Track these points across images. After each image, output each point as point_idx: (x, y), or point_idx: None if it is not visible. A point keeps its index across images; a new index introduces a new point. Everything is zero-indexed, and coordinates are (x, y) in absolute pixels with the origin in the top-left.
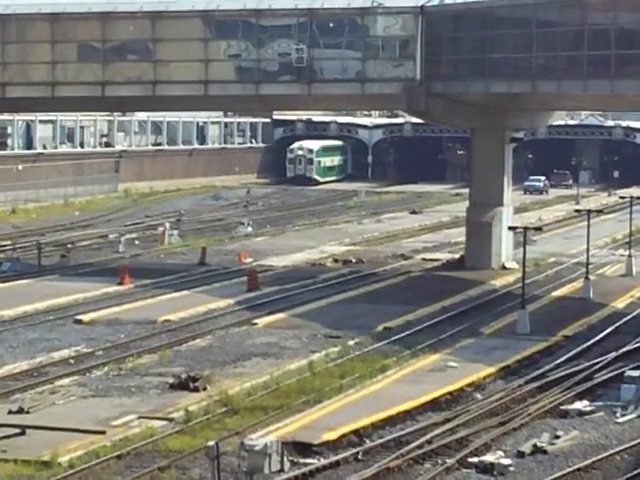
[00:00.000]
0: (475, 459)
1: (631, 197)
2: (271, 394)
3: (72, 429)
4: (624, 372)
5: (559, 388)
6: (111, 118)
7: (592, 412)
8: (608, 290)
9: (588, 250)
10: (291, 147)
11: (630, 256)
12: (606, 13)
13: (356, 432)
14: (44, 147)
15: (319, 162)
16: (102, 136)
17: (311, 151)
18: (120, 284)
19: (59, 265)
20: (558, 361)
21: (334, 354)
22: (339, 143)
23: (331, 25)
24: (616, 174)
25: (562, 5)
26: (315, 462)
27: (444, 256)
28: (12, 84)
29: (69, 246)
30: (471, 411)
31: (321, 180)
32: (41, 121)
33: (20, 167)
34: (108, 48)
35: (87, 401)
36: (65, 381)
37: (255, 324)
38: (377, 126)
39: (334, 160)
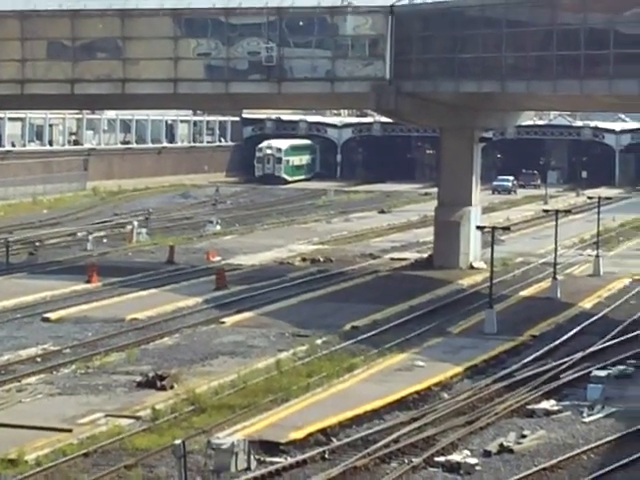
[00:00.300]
0: (442, 458)
1: (599, 197)
2: (238, 393)
3: (39, 427)
4: (591, 372)
5: (526, 388)
6: (80, 116)
7: (559, 412)
8: (576, 290)
9: (556, 250)
10: (260, 146)
11: (598, 256)
12: (575, 13)
13: (323, 431)
14: (13, 145)
15: (287, 161)
16: (71, 134)
17: (280, 150)
18: (88, 282)
19: (27, 263)
20: (525, 361)
21: (302, 353)
22: (307, 142)
23: (301, 24)
24: (584, 174)
25: (532, 5)
26: (282, 461)
27: (412, 255)
28: None
29: (37, 244)
30: (438, 410)
31: (289, 179)
32: (10, 119)
33: None
34: (78, 46)
35: (54, 399)
36: (32, 379)
37: (223, 323)
38: (346, 125)
39: (302, 159)
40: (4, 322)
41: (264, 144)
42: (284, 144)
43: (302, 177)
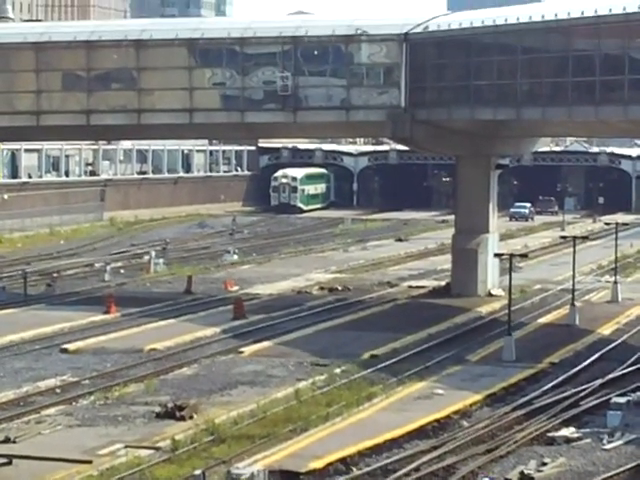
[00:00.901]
0: None
1: (616, 223)
2: (258, 422)
3: (59, 459)
4: (610, 399)
5: (546, 415)
6: (96, 147)
7: (579, 439)
8: (594, 316)
9: (574, 277)
10: (275, 175)
11: (616, 282)
12: (590, 40)
13: (343, 460)
14: (29, 176)
15: (303, 190)
16: (87, 165)
17: (295, 179)
18: (106, 313)
19: (45, 294)
20: (544, 388)
21: (321, 382)
22: (322, 171)
23: (315, 53)
24: (601, 200)
25: (546, 32)
26: None
27: (430, 283)
28: None
29: (55, 275)
30: (458, 438)
31: (305, 208)
32: (26, 150)
33: (5, 196)
34: (93, 77)
35: (73, 430)
36: (51, 410)
37: (241, 352)
38: (362, 153)
39: (317, 188)
40: (23, 353)
41: (279, 173)
42: (299, 173)
43: (317, 206)
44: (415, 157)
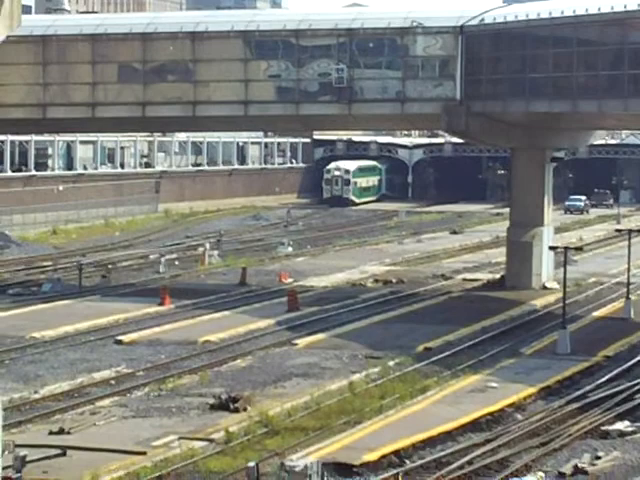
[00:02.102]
0: None
1: None
2: (311, 415)
3: (113, 450)
4: None
5: (600, 409)
6: (151, 139)
7: (633, 433)
8: None
9: (629, 270)
10: (328, 167)
11: None
12: None
13: (396, 453)
14: (84, 168)
15: (355, 183)
16: (142, 157)
17: (348, 172)
18: (161, 304)
19: (100, 285)
20: (599, 381)
21: (374, 374)
22: (374, 163)
23: (371, 45)
24: None
25: (602, 24)
26: None
27: (485, 276)
28: (53, 105)
29: (110, 266)
30: (512, 432)
31: (358, 201)
32: (82, 142)
33: (61, 188)
34: (148, 69)
35: (128, 422)
36: (106, 402)
37: (295, 344)
38: (417, 146)
39: (369, 181)
40: (78, 345)
41: (332, 165)
42: (352, 165)
43: (370, 199)
44: (470, 149)
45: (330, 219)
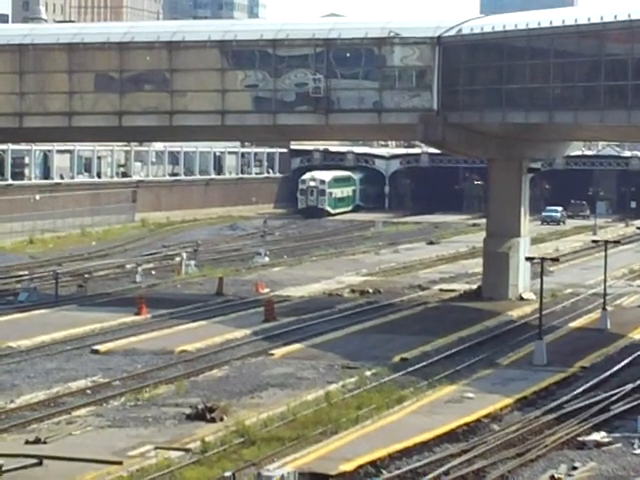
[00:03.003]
0: None
1: None
2: (288, 425)
3: (89, 459)
4: None
5: (576, 419)
6: (128, 148)
7: (610, 443)
8: (625, 321)
9: (605, 281)
10: (302, 178)
11: None
12: (623, 44)
13: (373, 463)
14: (61, 177)
15: (331, 193)
16: (119, 166)
17: (323, 182)
18: (137, 314)
19: (76, 295)
20: (575, 392)
21: (351, 385)
22: (348, 173)
23: (348, 55)
24: (633, 204)
25: (579, 36)
26: None
27: (461, 287)
28: (29, 114)
29: (86, 276)
30: (488, 442)
31: (333, 212)
32: (58, 151)
33: (37, 197)
34: (125, 78)
35: (104, 431)
36: (82, 411)
37: (272, 355)
38: (394, 156)
39: (344, 191)
40: (54, 354)
41: (307, 176)
42: (327, 176)
43: (344, 209)
44: (447, 160)
45: (307, 229)
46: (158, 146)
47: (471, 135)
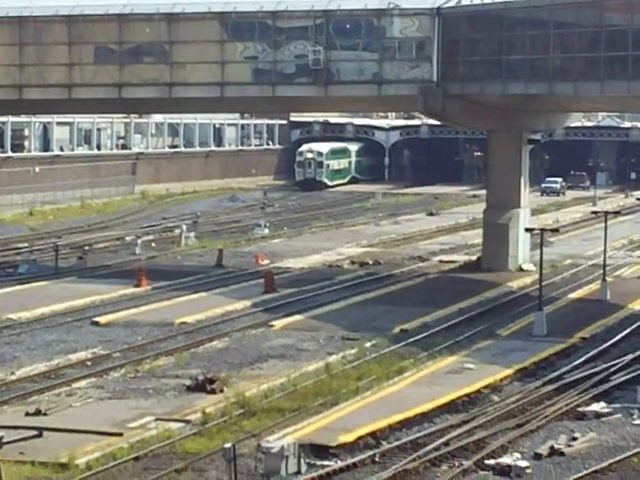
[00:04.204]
0: (492, 461)
1: None
2: (288, 396)
3: (89, 431)
4: None
5: (576, 390)
6: (128, 120)
7: (609, 414)
8: (625, 292)
9: (605, 252)
10: (300, 150)
11: None
12: (623, 14)
13: (373, 434)
14: (61, 149)
15: (328, 165)
16: (119, 138)
17: (321, 154)
18: (137, 286)
19: (76, 267)
20: (575, 363)
21: (351, 356)
22: (344, 145)
23: (348, 27)
24: (633, 175)
25: (579, 6)
26: (332, 464)
27: (461, 258)
28: (29, 86)
29: (86, 248)
30: (488, 413)
31: (330, 184)
32: (58, 123)
33: (37, 169)
34: (124, 50)
35: (104, 403)
36: (82, 383)
37: (272, 326)
38: (394, 128)
39: (341, 163)
40: (54, 326)
41: (304, 148)
42: (325, 147)
43: (341, 181)
44: (447, 131)
45: (306, 201)
46: (158, 118)
47: (471, 106)
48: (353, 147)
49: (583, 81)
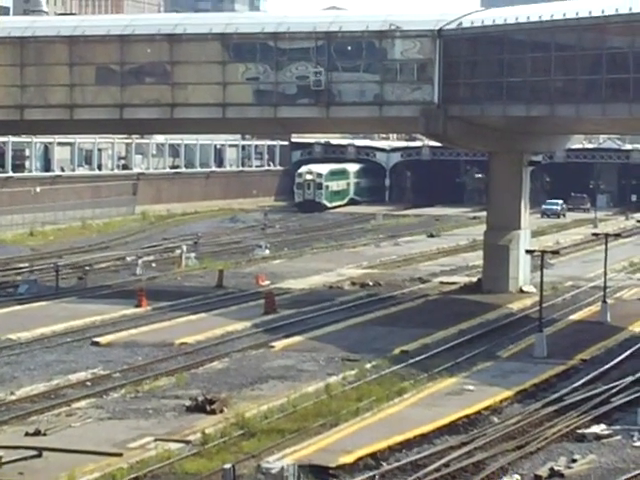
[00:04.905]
0: None
1: None
2: (288, 417)
3: (89, 451)
4: None
5: (576, 412)
6: (129, 141)
7: (609, 436)
8: (625, 314)
9: (605, 274)
10: (299, 171)
11: None
12: (624, 37)
13: (373, 455)
14: (62, 169)
15: (327, 187)
16: (120, 159)
17: (320, 175)
18: (137, 306)
19: (76, 287)
20: (575, 385)
21: (351, 377)
22: (343, 166)
23: (349, 48)
24: (634, 198)
25: (580, 29)
26: None
27: (462, 279)
28: (30, 106)
29: (87, 268)
30: (488, 434)
31: (329, 205)
32: (59, 143)
33: (38, 189)
34: (126, 71)
35: (104, 423)
36: (82, 403)
37: (272, 347)
38: (395, 149)
39: (340, 184)
40: (54, 346)
41: (304, 169)
42: (324, 169)
43: (340, 203)
44: (447, 153)
45: (307, 222)
46: (159, 138)
47: (472, 128)
48: (352, 168)
49: (584, 103)
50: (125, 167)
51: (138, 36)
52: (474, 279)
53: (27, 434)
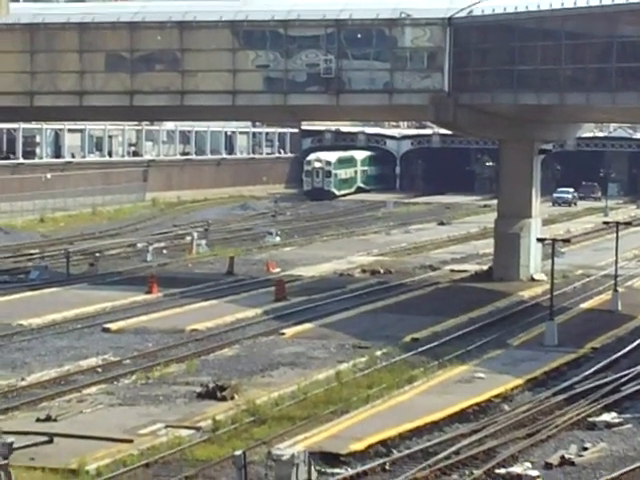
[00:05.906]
0: (502, 470)
1: None
2: (298, 404)
3: (100, 437)
4: None
5: (587, 400)
6: (139, 127)
7: (620, 424)
8: (636, 302)
9: (617, 262)
10: (307, 159)
11: None
12: (634, 25)
13: (383, 442)
14: (72, 156)
15: (336, 175)
16: (130, 145)
17: (329, 163)
18: (148, 293)
19: (87, 274)
20: (586, 373)
21: (362, 364)
22: (351, 154)
23: (359, 36)
24: None
25: (590, 17)
26: (342, 472)
27: (472, 267)
28: (40, 93)
29: (97, 255)
30: (498, 422)
31: (338, 193)
32: (70, 130)
33: (48, 176)
34: (136, 58)
35: (115, 409)
36: (93, 389)
37: (283, 334)
38: (405, 137)
39: (347, 172)
40: (65, 332)
41: (312, 157)
42: (333, 157)
43: (348, 191)
44: (458, 141)
45: (317, 209)
46: (169, 125)
47: (482, 116)
48: (359, 156)
49: (595, 92)
50: (135, 154)
51: (148, 23)
52: (485, 267)
53: (38, 420)
